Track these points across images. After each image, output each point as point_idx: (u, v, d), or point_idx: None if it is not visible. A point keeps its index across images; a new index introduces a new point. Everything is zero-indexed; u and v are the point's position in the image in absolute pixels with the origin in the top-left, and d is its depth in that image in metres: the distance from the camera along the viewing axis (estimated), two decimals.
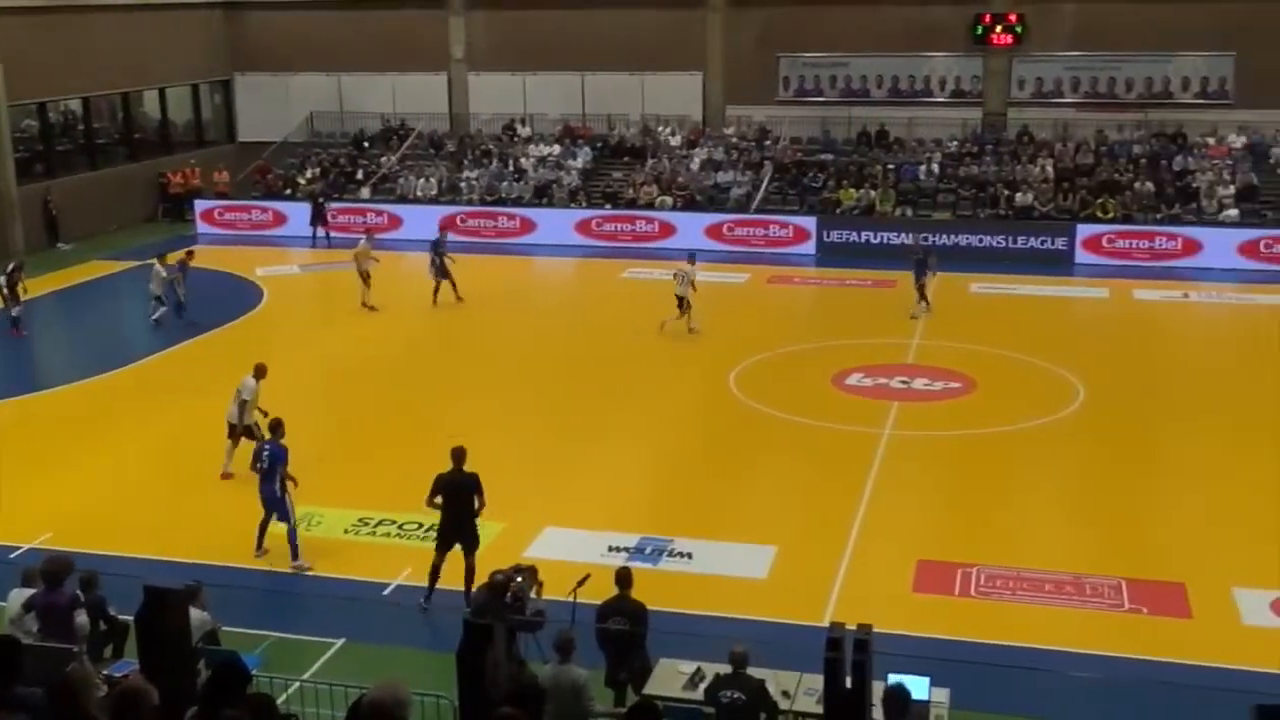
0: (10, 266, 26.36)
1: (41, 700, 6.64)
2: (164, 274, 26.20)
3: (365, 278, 27.15)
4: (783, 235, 33.17)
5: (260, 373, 18.17)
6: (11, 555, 14.93)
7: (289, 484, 15.05)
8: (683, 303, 24.78)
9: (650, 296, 29.16)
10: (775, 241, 32.89)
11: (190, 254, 27.39)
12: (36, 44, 33.82)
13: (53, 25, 34.42)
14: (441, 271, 27.50)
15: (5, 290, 25.81)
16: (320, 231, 34.49)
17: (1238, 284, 29.46)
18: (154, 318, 25.96)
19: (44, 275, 27.33)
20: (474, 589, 12.22)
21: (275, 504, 14.99)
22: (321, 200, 35.11)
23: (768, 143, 36.85)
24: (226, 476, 17.67)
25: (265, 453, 15.04)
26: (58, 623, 11.02)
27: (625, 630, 11.45)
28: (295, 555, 15.00)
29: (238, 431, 17.84)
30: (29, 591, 11.59)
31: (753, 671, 10.32)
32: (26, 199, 34.06)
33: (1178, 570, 14.71)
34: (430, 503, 14.15)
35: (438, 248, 27.76)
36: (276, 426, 15.30)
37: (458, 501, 14.06)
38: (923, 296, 26.38)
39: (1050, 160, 34.28)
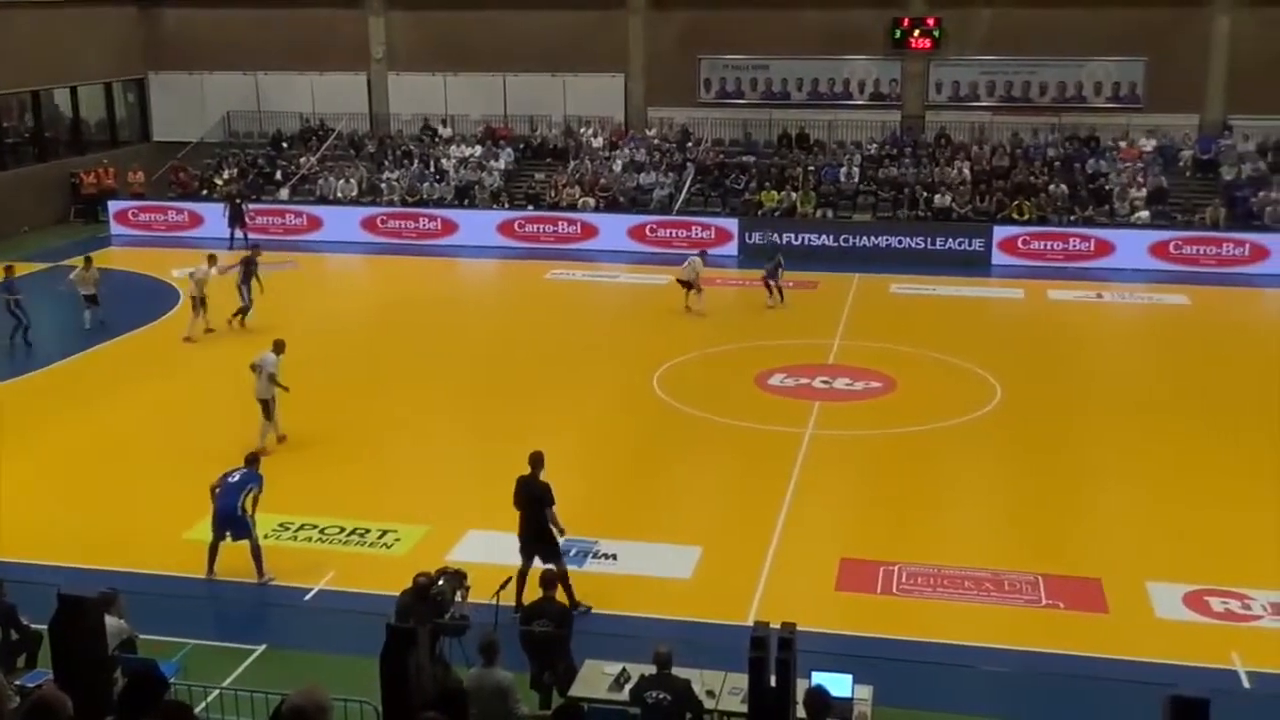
0: None
1: None
2: (94, 275, 25.77)
3: (198, 304, 24.89)
4: (705, 237, 33.26)
5: (279, 348, 18.99)
6: None
7: (251, 508, 14.69)
8: (690, 285, 26.83)
9: (575, 297, 29.18)
10: (698, 243, 32.90)
11: (10, 268, 25.25)
12: None
13: None
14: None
15: None
16: (238, 233, 33.96)
17: (1149, 284, 30.10)
18: (88, 324, 25.51)
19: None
20: (402, 592, 12.07)
21: (233, 522, 14.54)
22: (239, 201, 34.59)
23: (690, 144, 36.99)
24: (281, 440, 18.93)
25: (237, 476, 14.73)
26: None
27: (550, 632, 11.43)
28: (260, 571, 14.69)
29: (266, 406, 18.68)
30: None
31: (678, 671, 10.35)
32: None
33: (1094, 566, 14.99)
34: (516, 506, 13.95)
35: (249, 267, 25.83)
36: (254, 460, 15.08)
37: (532, 507, 13.81)
38: (774, 291, 27.76)
39: (967, 163, 34.80)
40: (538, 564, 13.57)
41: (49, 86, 38.53)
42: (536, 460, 14.01)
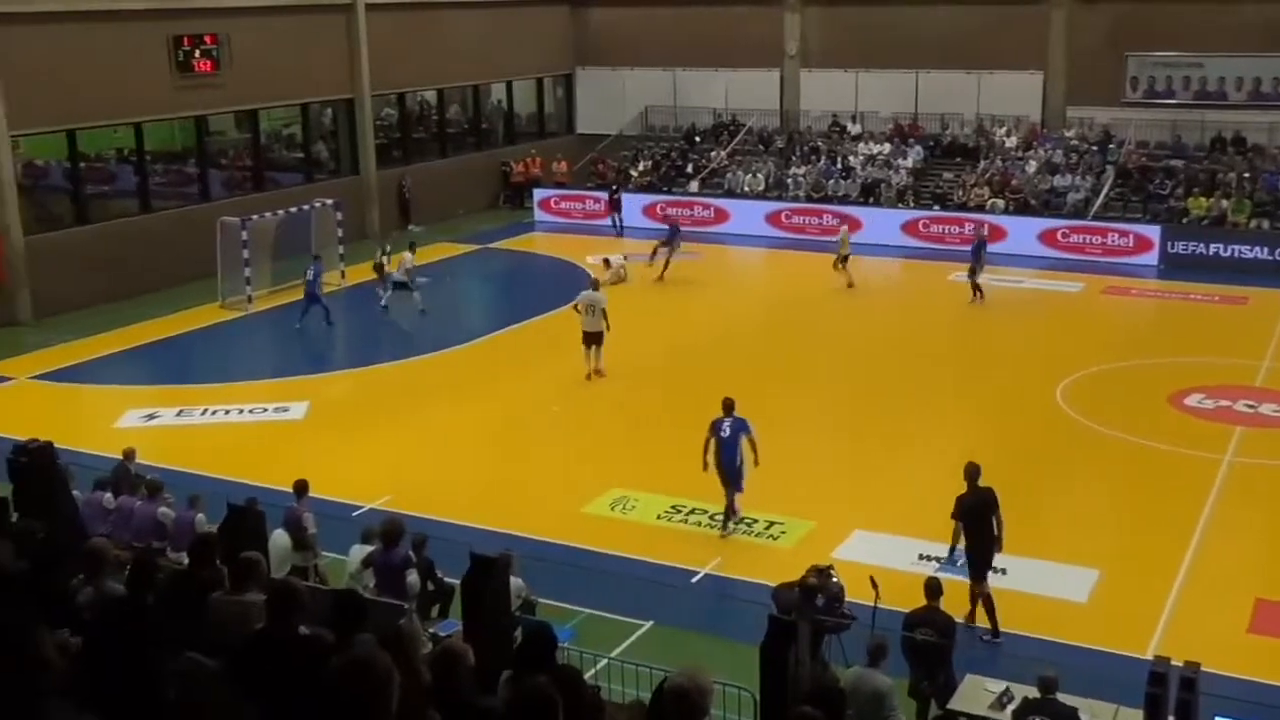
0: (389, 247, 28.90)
1: (372, 646, 7.09)
2: (408, 262, 27.49)
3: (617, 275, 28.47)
4: (1123, 244, 31.51)
5: (596, 285, 22.58)
6: (354, 514, 16.08)
7: (751, 457, 15.47)
8: (846, 260, 28.69)
9: (975, 300, 28.31)
10: (1114, 250, 31.29)
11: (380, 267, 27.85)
12: (398, 39, 36.14)
13: (413, 21, 36.71)
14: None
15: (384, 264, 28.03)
16: (616, 219, 35.60)
17: None
18: (419, 306, 27.05)
19: (394, 256, 29.09)
20: (778, 587, 12.16)
21: (736, 475, 15.41)
22: (616, 191, 36.22)
23: (1111, 146, 35.08)
24: (598, 374, 21.82)
25: (728, 430, 15.47)
26: (392, 580, 11.82)
27: (932, 641, 11.20)
28: (725, 525, 15.55)
29: (601, 337, 21.69)
30: (367, 549, 12.50)
31: (1064, 699, 9.88)
32: (384, 183, 36.56)
33: None
34: (958, 519, 13.42)
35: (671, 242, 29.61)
36: (730, 406, 15.73)
37: (977, 522, 13.31)
38: (976, 287, 27.26)
39: None
40: (920, 570, 13.31)
41: (488, 81, 41.51)
42: (972, 472, 13.38)
